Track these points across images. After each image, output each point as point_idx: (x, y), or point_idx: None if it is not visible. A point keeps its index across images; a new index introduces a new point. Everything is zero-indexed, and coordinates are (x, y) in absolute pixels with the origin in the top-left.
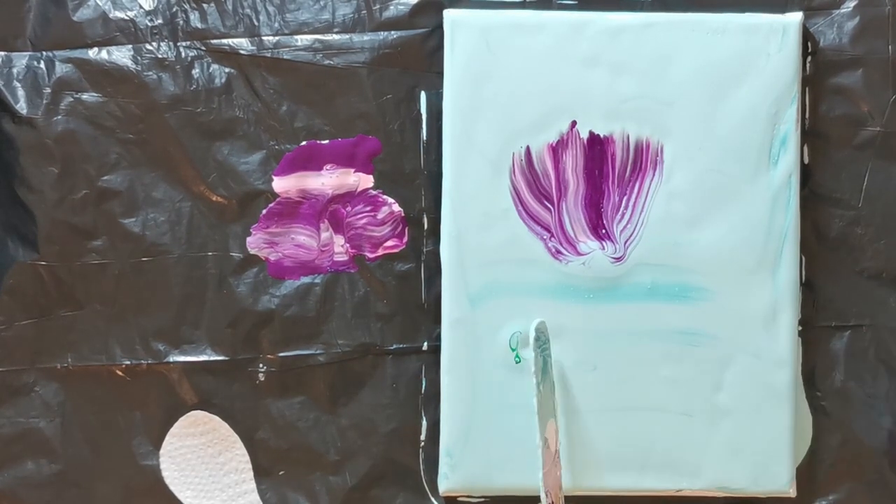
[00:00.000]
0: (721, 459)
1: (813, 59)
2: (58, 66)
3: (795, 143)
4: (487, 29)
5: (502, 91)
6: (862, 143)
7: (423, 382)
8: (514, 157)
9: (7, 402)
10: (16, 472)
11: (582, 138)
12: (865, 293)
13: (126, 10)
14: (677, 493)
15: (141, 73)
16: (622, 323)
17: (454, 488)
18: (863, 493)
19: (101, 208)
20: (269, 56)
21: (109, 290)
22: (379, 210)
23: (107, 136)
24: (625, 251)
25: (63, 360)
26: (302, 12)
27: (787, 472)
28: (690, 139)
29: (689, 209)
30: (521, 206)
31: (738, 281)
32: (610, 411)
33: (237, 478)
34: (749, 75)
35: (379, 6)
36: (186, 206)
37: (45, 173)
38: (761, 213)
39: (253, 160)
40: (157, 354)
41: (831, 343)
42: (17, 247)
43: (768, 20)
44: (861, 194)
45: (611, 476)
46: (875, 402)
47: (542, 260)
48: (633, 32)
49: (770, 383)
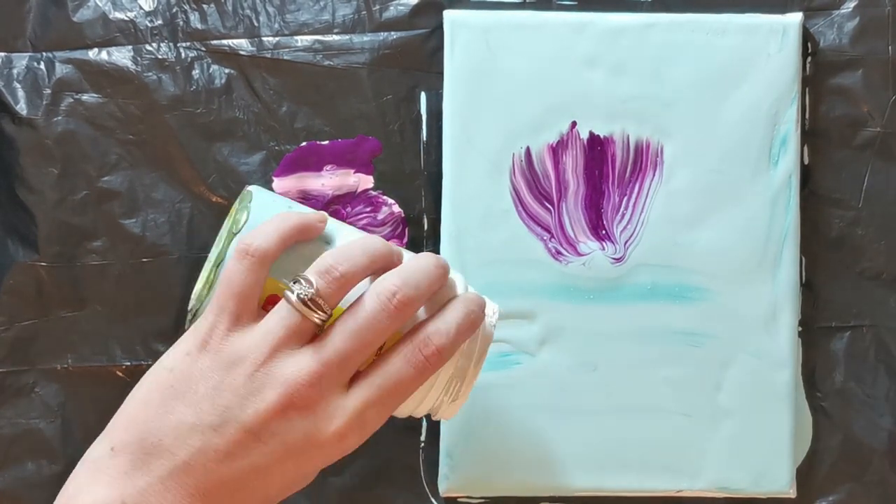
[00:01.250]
0: (721, 460)
1: (813, 59)
2: (58, 66)
3: (795, 144)
4: (487, 29)
5: (502, 91)
6: (862, 143)
7: None
8: (514, 158)
9: (7, 402)
10: (16, 473)
11: (582, 139)
12: (865, 293)
13: (126, 11)
14: (677, 494)
15: (141, 74)
16: (622, 323)
17: (454, 489)
18: (863, 493)
19: (101, 209)
20: (269, 57)
21: (109, 291)
22: (379, 211)
23: (107, 136)
24: (625, 252)
25: (63, 361)
26: (302, 13)
27: (787, 472)
28: (690, 139)
29: (689, 209)
30: (521, 207)
31: (738, 281)
32: (610, 411)
33: None
34: (749, 76)
35: (379, 7)
36: (186, 207)
37: (45, 174)
38: (761, 214)
39: (253, 161)
40: (158, 355)
41: (831, 343)
42: (17, 247)
43: (768, 21)
44: (861, 194)
45: (611, 476)
46: (875, 403)
47: (542, 260)
48: (633, 33)
49: (770, 384)
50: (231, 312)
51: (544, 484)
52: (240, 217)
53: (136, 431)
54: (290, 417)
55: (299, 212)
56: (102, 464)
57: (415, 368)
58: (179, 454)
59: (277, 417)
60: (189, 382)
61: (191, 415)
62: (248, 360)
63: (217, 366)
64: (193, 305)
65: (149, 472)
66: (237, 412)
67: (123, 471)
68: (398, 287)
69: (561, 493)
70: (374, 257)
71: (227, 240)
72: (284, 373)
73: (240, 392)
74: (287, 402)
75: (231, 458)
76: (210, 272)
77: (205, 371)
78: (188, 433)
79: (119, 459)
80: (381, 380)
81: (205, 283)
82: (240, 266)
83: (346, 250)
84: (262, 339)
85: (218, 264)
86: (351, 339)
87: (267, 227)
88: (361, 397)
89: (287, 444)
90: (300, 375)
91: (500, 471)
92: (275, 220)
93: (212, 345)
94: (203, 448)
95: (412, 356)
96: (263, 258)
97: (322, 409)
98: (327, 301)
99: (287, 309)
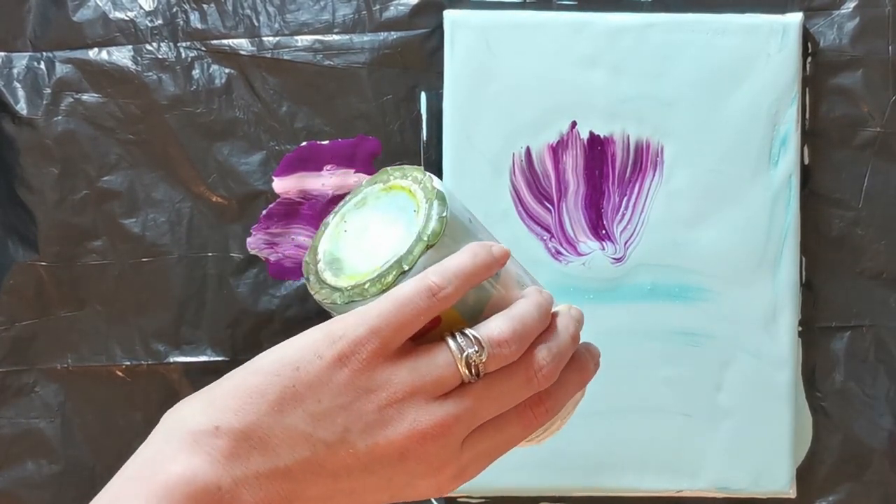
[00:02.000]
0: (721, 460)
1: (813, 59)
2: (58, 66)
3: (795, 144)
4: (487, 29)
5: (502, 91)
6: (862, 143)
7: None
8: (514, 158)
9: (7, 402)
10: (16, 473)
11: (582, 138)
12: (865, 293)
13: (126, 11)
14: (677, 494)
15: (141, 74)
16: (622, 323)
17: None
18: (863, 493)
19: (101, 209)
20: (269, 56)
21: (109, 291)
22: None
23: (107, 136)
24: (625, 251)
25: (63, 361)
26: (302, 13)
27: (787, 472)
28: (690, 139)
29: (689, 209)
30: (521, 207)
31: (738, 281)
32: (610, 411)
33: None
34: (749, 76)
35: (379, 7)
36: (186, 207)
37: (45, 173)
38: (761, 214)
39: (253, 161)
40: (157, 355)
41: (831, 343)
42: (17, 247)
43: (768, 20)
44: (861, 194)
45: (611, 476)
46: (875, 403)
47: (542, 260)
48: (633, 33)
49: (770, 383)
50: (386, 339)
51: (544, 484)
52: (434, 227)
53: (247, 421)
54: (406, 459)
55: (486, 246)
56: (203, 439)
57: (526, 426)
58: (283, 458)
59: (394, 456)
60: (314, 391)
61: (307, 424)
62: (385, 391)
63: (351, 387)
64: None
65: (248, 464)
66: (355, 438)
67: (224, 454)
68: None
69: (561, 493)
70: (542, 326)
71: (420, 248)
72: (418, 419)
73: (366, 419)
74: (408, 446)
75: (333, 479)
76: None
77: (336, 387)
78: (299, 441)
79: (222, 441)
80: (494, 435)
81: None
82: (420, 304)
83: (525, 322)
84: (408, 376)
85: (404, 272)
86: (493, 402)
87: (460, 270)
88: (473, 453)
89: (391, 482)
90: (430, 428)
91: (499, 471)
92: (466, 262)
93: (352, 363)
94: (309, 460)
95: (525, 414)
96: (446, 305)
97: (436, 459)
98: (487, 368)
99: (446, 361)
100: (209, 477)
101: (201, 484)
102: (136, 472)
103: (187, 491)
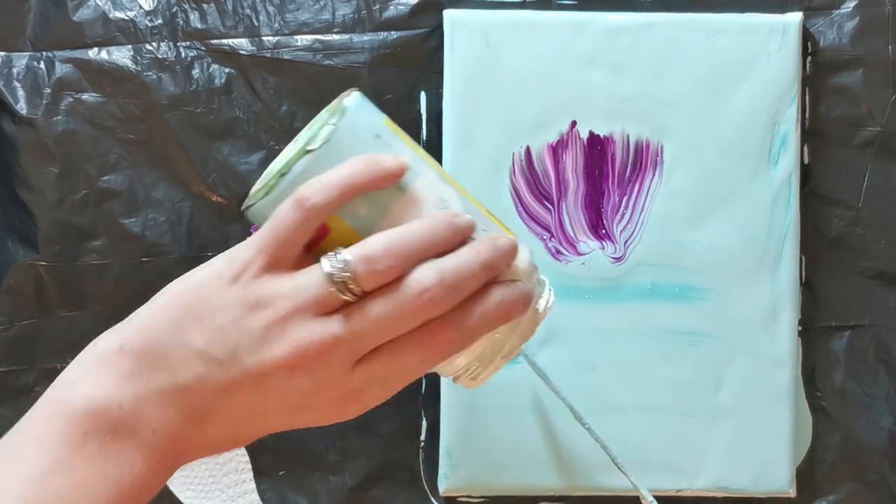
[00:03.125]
0: (721, 460)
1: (813, 59)
2: (58, 66)
3: (795, 143)
4: (487, 29)
5: (502, 91)
6: (862, 143)
7: (423, 382)
8: (514, 157)
9: (7, 402)
10: None
11: (582, 138)
12: (865, 293)
13: (126, 11)
14: (677, 494)
15: (141, 74)
16: (622, 323)
17: (454, 488)
18: (863, 493)
19: (101, 208)
20: (269, 56)
21: (109, 290)
22: None
23: (107, 136)
24: (625, 251)
25: (63, 361)
26: (302, 12)
27: (787, 472)
28: (690, 139)
29: (689, 209)
30: (521, 206)
31: (738, 281)
32: (610, 411)
33: (237, 478)
34: (749, 75)
35: (379, 6)
36: (186, 207)
37: (45, 173)
38: (761, 213)
39: (253, 160)
40: None
41: (831, 343)
42: (17, 247)
43: (768, 20)
44: (861, 194)
45: (611, 476)
46: (875, 402)
47: (542, 260)
48: (633, 32)
49: (770, 383)
50: (270, 255)
51: (544, 484)
52: (322, 133)
53: (147, 338)
54: (294, 376)
55: (375, 159)
56: (108, 359)
57: (425, 355)
58: (181, 375)
59: (281, 372)
60: (210, 308)
61: (201, 341)
62: (270, 308)
63: (241, 303)
64: (248, 202)
65: (149, 381)
66: (244, 355)
67: (126, 372)
68: (433, 284)
69: (561, 493)
70: (433, 245)
71: (297, 154)
72: (300, 335)
73: (253, 337)
74: (293, 363)
75: (230, 395)
76: (272, 179)
77: (228, 303)
78: (194, 358)
79: (125, 360)
80: (389, 361)
81: (263, 186)
82: (291, 215)
83: (404, 238)
84: (290, 294)
85: (283, 174)
86: (372, 324)
87: (331, 181)
88: (365, 376)
89: (285, 399)
90: (311, 344)
91: (499, 471)
92: (342, 172)
93: (242, 280)
94: (204, 377)
95: (425, 342)
96: (318, 215)
97: (325, 377)
98: (361, 287)
99: (319, 278)
100: (111, 395)
101: (101, 402)
102: (47, 396)
103: (88, 408)
